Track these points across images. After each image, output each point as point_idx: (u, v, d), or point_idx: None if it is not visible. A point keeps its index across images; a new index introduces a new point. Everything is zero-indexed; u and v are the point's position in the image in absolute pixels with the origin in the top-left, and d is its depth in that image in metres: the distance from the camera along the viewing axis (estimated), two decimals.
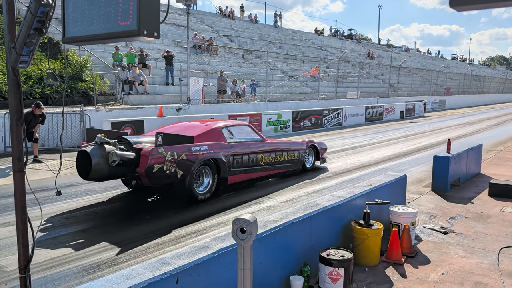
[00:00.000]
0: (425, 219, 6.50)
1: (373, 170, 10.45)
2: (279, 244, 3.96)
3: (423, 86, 44.37)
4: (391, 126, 22.90)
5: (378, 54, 48.80)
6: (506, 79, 70.86)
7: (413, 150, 13.96)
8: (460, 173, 8.73)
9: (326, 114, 21.64)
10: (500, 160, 11.76)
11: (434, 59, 67.55)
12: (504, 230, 6.05)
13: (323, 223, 4.56)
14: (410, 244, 5.12)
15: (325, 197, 5.07)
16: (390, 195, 5.88)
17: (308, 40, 42.22)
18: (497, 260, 4.98)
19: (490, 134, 19.06)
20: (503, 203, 7.33)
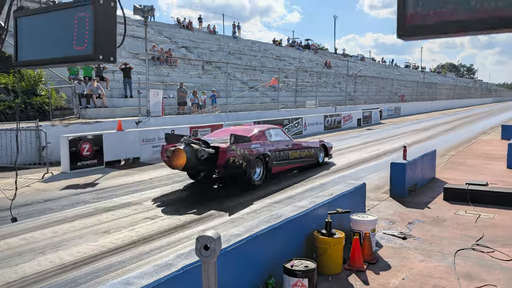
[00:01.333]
0: (385, 225, 6.68)
1: (333, 178, 10.66)
2: (243, 257, 3.97)
3: (378, 93, 45.73)
4: (349, 133, 23.43)
5: (334, 64, 49.94)
6: (456, 85, 74.20)
7: (371, 157, 14.34)
8: (416, 179, 9.04)
9: (287, 123, 21.88)
10: (453, 165, 12.26)
11: (389, 67, 69.83)
12: (459, 233, 6.30)
13: (286, 234, 4.61)
14: (371, 251, 5.24)
15: (287, 208, 5.13)
16: (350, 203, 6.00)
17: (266, 51, 42.69)
18: (453, 262, 5.18)
19: (443, 139, 19.85)
20: (457, 207, 7.64)
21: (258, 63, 36.12)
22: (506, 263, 5.18)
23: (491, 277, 4.77)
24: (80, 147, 11.72)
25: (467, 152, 14.80)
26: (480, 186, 8.24)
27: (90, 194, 9.08)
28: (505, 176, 10.46)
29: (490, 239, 5.98)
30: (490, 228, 6.45)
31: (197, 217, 7.46)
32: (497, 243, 5.80)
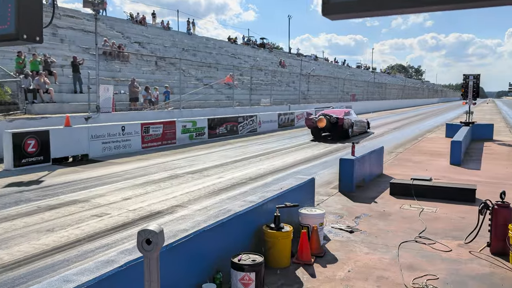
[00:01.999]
0: (333, 219, 6.81)
1: (286, 174, 10.77)
2: (190, 252, 3.91)
3: (331, 93, 46.71)
4: (302, 131, 23.72)
5: (289, 63, 50.49)
6: (405, 85, 77.10)
7: (323, 153, 14.61)
8: (364, 174, 9.29)
9: (241, 121, 21.89)
10: (400, 161, 12.72)
11: (341, 67, 71.46)
12: (403, 226, 6.52)
13: (235, 229, 4.59)
14: (319, 244, 5.33)
15: (237, 203, 5.12)
16: (300, 197, 6.08)
17: (221, 48, 42.51)
18: (397, 254, 5.35)
19: (391, 137, 20.55)
20: (402, 201, 7.92)
21: (213, 60, 35.91)
22: (446, 254, 5.41)
23: (432, 267, 4.97)
24: (24, 143, 11.18)
25: (413, 149, 15.39)
26: (424, 181, 8.58)
27: (35, 192, 8.69)
28: (448, 172, 10.96)
29: (432, 231, 6.23)
30: (432, 221, 6.72)
31: (146, 213, 7.31)
32: (438, 235, 6.05)
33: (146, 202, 8.11)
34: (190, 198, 8.46)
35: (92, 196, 8.43)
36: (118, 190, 9.01)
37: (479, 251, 5.45)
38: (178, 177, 10.42)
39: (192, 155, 14.20)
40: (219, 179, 10.27)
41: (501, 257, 5.23)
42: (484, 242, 5.57)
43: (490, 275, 4.78)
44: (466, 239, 5.79)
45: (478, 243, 5.62)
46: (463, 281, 4.62)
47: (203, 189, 9.21)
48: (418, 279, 4.64)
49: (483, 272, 4.86)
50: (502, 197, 5.47)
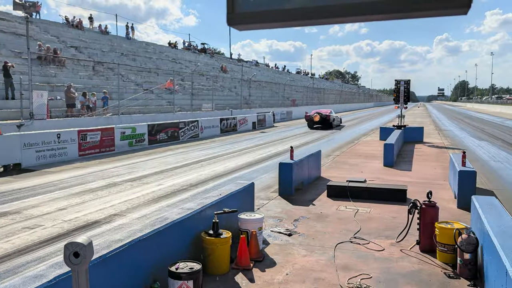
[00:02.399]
0: (273, 223, 6.90)
1: (227, 179, 10.78)
2: (125, 263, 3.81)
3: (272, 98, 47.37)
4: (244, 136, 23.90)
5: (230, 68, 50.64)
6: (342, 91, 79.82)
7: (264, 158, 14.78)
8: (303, 177, 9.50)
9: (183, 126, 21.64)
10: (337, 164, 13.13)
11: (281, 73, 72.72)
12: (339, 227, 6.73)
13: (172, 237, 4.53)
14: (258, 249, 5.38)
15: (174, 210, 5.05)
16: (239, 203, 6.11)
17: (162, 53, 41.84)
18: (333, 255, 5.52)
19: (330, 140, 21.17)
20: (339, 203, 8.18)
21: (153, 65, 35.26)
22: (379, 253, 5.65)
23: (366, 267, 5.16)
24: None
25: (350, 152, 15.95)
26: (359, 183, 8.92)
27: None
28: (382, 173, 11.46)
29: (367, 231, 6.48)
30: (367, 222, 7.00)
31: (82, 224, 7.04)
32: (372, 235, 6.30)
33: (83, 211, 7.80)
34: (128, 206, 8.24)
35: (25, 207, 7.99)
36: (53, 200, 8.60)
37: (409, 249, 5.74)
38: (117, 185, 10.12)
39: (131, 162, 13.85)
40: (159, 186, 10.09)
41: (429, 254, 5.53)
42: (414, 240, 5.88)
43: (419, 272, 5.04)
44: (397, 238, 6.07)
45: (408, 242, 5.92)
46: (394, 278, 4.84)
47: (142, 197, 9.01)
48: (352, 279, 4.81)
49: (412, 269, 5.12)
50: (429, 196, 5.80)
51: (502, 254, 3.68)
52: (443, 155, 14.86)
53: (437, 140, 20.98)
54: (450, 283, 4.71)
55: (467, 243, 4.78)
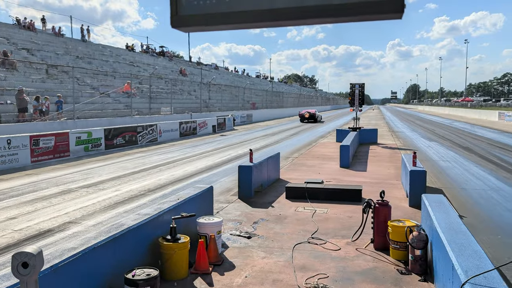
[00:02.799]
0: (232, 226, 6.92)
1: (186, 183, 10.70)
2: (79, 272, 3.73)
3: (232, 101, 47.41)
4: (204, 140, 23.80)
5: (189, 71, 50.29)
6: (300, 94, 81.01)
7: (224, 161, 14.77)
8: (262, 180, 9.58)
9: (141, 130, 21.29)
10: (296, 166, 13.32)
11: (241, 76, 72.94)
12: (298, 228, 6.84)
13: (128, 243, 4.46)
14: (217, 252, 5.38)
15: (130, 216, 4.98)
16: (198, 207, 6.09)
17: (119, 56, 40.99)
18: (291, 256, 5.60)
19: (288, 143, 21.43)
20: (297, 204, 8.31)
21: (110, 68, 34.49)
22: (336, 252, 5.78)
23: (323, 266, 5.27)
24: None
25: (308, 154, 16.21)
26: (316, 184, 9.09)
27: None
28: (338, 174, 11.72)
29: (324, 232, 6.62)
30: (323, 222, 7.14)
31: (34, 233, 6.79)
32: (329, 235, 6.44)
33: (35, 220, 7.53)
34: (83, 213, 8.03)
35: None
36: (2, 209, 8.25)
37: (364, 247, 5.91)
38: (72, 192, 9.84)
39: (87, 167, 13.49)
40: (116, 192, 9.89)
41: (383, 252, 5.71)
42: (368, 239, 6.05)
43: (373, 269, 5.20)
44: (352, 237, 6.24)
45: (363, 240, 6.09)
46: (350, 277, 4.97)
47: (98, 203, 8.80)
48: (310, 279, 4.89)
49: (367, 267, 5.27)
50: (382, 196, 6.00)
51: (449, 250, 3.86)
52: (395, 156, 15.38)
53: (390, 141, 21.68)
54: (402, 279, 4.89)
55: (417, 240, 4.99)
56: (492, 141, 21.84)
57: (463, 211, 8.07)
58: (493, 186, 10.54)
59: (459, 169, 13.00)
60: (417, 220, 5.97)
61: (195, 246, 5.18)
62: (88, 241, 4.02)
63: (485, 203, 8.90)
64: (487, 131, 29.13)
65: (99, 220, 7.56)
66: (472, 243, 4.00)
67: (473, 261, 3.56)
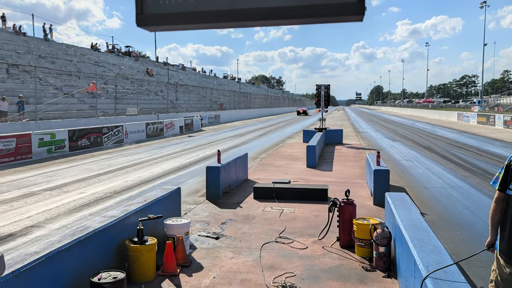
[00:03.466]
0: (200, 227, 6.91)
1: (153, 185, 10.59)
2: (42, 277, 3.64)
3: (199, 102, 47.17)
4: (171, 141, 23.58)
5: (156, 72, 49.70)
6: (268, 95, 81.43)
7: (192, 162, 14.69)
8: (230, 181, 9.60)
9: (106, 131, 20.89)
10: (264, 166, 13.40)
11: (208, 77, 72.68)
12: (266, 228, 6.90)
13: (94, 246, 4.39)
14: (185, 254, 5.36)
15: (96, 219, 4.90)
16: (165, 208, 6.05)
17: (83, 56, 40.07)
18: (259, 256, 5.64)
19: (256, 144, 21.52)
20: (265, 204, 8.37)
21: (74, 68, 33.67)
22: (303, 251, 5.86)
23: (290, 265, 5.34)
24: None
25: (276, 155, 16.34)
26: (284, 184, 9.19)
27: None
28: (305, 174, 11.88)
29: (291, 231, 6.70)
30: (291, 221, 7.23)
31: None
32: (296, 234, 6.53)
33: None
34: (47, 217, 7.82)
35: None
36: None
37: (331, 246, 6.02)
38: (34, 195, 9.56)
39: (50, 170, 13.13)
40: (81, 194, 9.68)
41: (348, 249, 5.84)
42: (334, 237, 6.17)
43: (339, 267, 5.31)
44: (319, 236, 6.35)
45: (329, 239, 6.21)
46: (317, 275, 5.06)
47: (62, 206, 8.59)
48: (278, 278, 4.95)
49: (333, 265, 5.38)
50: (347, 195, 6.13)
51: (411, 246, 4.00)
52: (360, 156, 15.72)
53: (355, 141, 22.12)
54: (367, 275, 5.02)
55: (381, 237, 5.13)
56: (451, 141, 22.64)
57: (424, 208, 8.35)
58: (453, 184, 10.95)
59: (421, 168, 13.42)
60: (381, 218, 6.14)
61: (162, 248, 5.15)
62: (52, 245, 3.93)
63: (445, 200, 9.24)
64: (447, 131, 30.17)
65: (64, 223, 7.39)
66: (433, 239, 4.16)
67: (433, 256, 3.70)
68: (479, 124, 37.86)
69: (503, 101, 70.34)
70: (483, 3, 66.74)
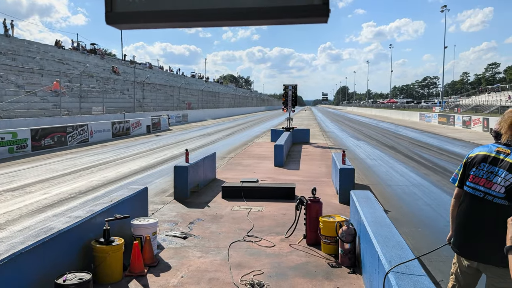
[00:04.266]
0: (168, 227, 6.88)
1: (119, 185, 10.45)
2: (4, 280, 3.55)
3: (167, 101, 46.67)
4: (138, 140, 23.26)
5: (122, 70, 48.82)
6: (236, 95, 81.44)
7: (159, 162, 14.56)
8: (198, 180, 9.58)
9: (71, 130, 20.39)
10: (232, 165, 13.43)
11: (176, 76, 71.95)
12: (233, 226, 6.93)
13: (59, 248, 4.32)
14: (152, 254, 5.34)
15: (61, 220, 4.81)
16: (132, 208, 5.99)
17: (47, 53, 38.88)
18: (227, 255, 5.68)
19: (225, 143, 21.52)
20: (233, 203, 8.40)
21: (37, 65, 32.63)
22: (270, 249, 5.93)
23: (258, 263, 5.40)
24: None
25: (244, 154, 16.40)
26: (252, 183, 9.25)
27: None
28: (273, 173, 11.99)
29: (259, 229, 6.76)
30: (259, 220, 7.29)
31: None
32: (264, 233, 6.60)
33: None
34: (8, 218, 7.60)
35: None
36: None
37: (297, 243, 6.12)
38: None
39: (12, 170, 12.72)
40: (45, 195, 9.44)
41: (315, 247, 5.95)
42: (301, 235, 6.28)
43: (306, 264, 5.41)
44: (286, 234, 6.44)
45: (296, 236, 6.31)
46: (284, 272, 5.14)
47: (25, 207, 8.36)
48: (245, 276, 5.00)
49: (300, 262, 5.47)
50: (313, 193, 6.25)
51: (374, 242, 4.12)
52: (326, 155, 15.99)
53: (321, 141, 22.47)
54: (333, 272, 5.13)
55: (346, 234, 5.26)
56: (414, 140, 23.34)
57: (388, 206, 8.60)
58: (415, 182, 11.31)
59: (385, 167, 13.79)
60: (346, 216, 6.29)
61: (130, 248, 5.10)
62: (14, 247, 3.84)
63: (407, 198, 9.54)
64: (410, 131, 31.05)
65: (26, 224, 7.20)
66: (395, 235, 4.30)
67: (396, 251, 3.83)
68: (440, 124, 39.15)
69: (462, 102, 73.03)
70: (444, 7, 69.18)
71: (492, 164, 2.99)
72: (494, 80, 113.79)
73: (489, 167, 3.00)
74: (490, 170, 2.98)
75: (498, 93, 67.80)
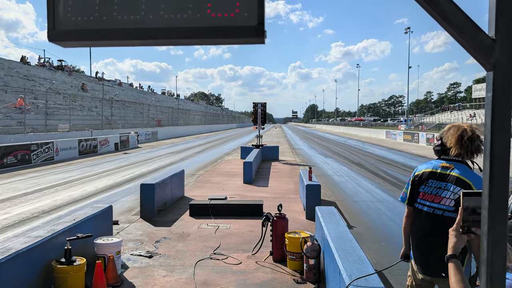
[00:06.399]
0: (133, 246, 6.78)
1: (84, 204, 10.23)
2: None
3: (136, 118, 46.17)
4: (105, 158, 22.87)
5: (91, 87, 48.09)
6: (207, 112, 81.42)
7: (126, 180, 14.35)
8: (165, 198, 9.50)
9: (35, 148, 19.87)
10: (201, 183, 13.37)
11: (146, 93, 71.32)
12: (200, 245, 6.90)
13: (17, 269, 4.20)
14: (116, 274, 5.25)
15: (20, 240, 4.69)
16: (96, 227, 5.89)
17: (12, 69, 37.93)
18: (193, 273, 5.64)
19: (194, 160, 21.42)
20: (201, 221, 8.36)
21: (1, 82, 31.78)
22: (237, 266, 5.94)
23: (224, 281, 5.39)
24: None
25: (213, 171, 16.37)
26: (220, 200, 9.24)
27: None
28: (241, 190, 12.01)
29: (226, 247, 6.76)
30: (226, 237, 7.29)
31: None
32: (231, 250, 6.60)
33: None
34: None
35: None
36: None
37: (264, 260, 6.14)
38: None
39: None
40: (5, 215, 9.16)
41: (281, 263, 5.99)
42: (268, 252, 6.31)
43: (272, 281, 5.44)
44: (253, 251, 6.46)
45: (263, 253, 6.33)
46: None
47: None
48: None
49: (266, 279, 5.50)
50: (279, 209, 6.32)
51: (336, 256, 4.21)
52: (295, 171, 16.15)
53: (290, 158, 22.69)
54: None
55: (311, 250, 5.33)
56: (380, 157, 23.87)
57: (353, 221, 8.75)
58: (380, 198, 11.56)
59: (351, 183, 14.03)
60: (312, 231, 6.37)
61: (93, 268, 5.01)
62: None
63: (372, 213, 9.73)
64: (376, 148, 31.75)
65: None
66: (357, 249, 4.40)
67: (356, 265, 3.92)
68: (405, 142, 40.19)
69: (427, 120, 75.30)
70: (407, 29, 71.71)
71: (439, 180, 3.14)
72: (456, 99, 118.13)
73: (437, 183, 3.15)
74: (438, 186, 3.14)
75: (460, 111, 70.36)
